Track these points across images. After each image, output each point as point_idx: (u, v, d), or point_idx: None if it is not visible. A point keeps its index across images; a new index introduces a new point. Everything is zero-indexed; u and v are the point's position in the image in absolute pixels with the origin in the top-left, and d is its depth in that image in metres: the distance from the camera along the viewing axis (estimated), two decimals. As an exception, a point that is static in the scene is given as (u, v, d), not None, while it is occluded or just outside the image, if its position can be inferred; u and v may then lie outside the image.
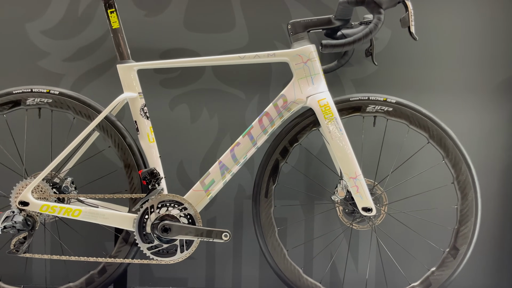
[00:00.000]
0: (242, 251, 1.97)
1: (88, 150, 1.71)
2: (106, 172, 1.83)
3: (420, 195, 1.83)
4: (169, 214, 1.57)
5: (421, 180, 1.82)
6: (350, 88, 1.93)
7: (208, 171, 1.62)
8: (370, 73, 1.93)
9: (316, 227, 1.97)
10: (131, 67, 1.61)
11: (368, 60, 1.87)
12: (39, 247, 1.92)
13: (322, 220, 1.96)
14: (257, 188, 1.64)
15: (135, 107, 1.62)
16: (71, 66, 1.91)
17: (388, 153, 1.79)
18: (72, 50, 1.90)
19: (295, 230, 1.97)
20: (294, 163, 1.93)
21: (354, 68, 1.93)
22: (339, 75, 1.93)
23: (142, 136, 1.62)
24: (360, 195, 1.56)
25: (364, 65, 1.93)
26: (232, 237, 1.94)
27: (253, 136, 1.60)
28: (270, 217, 1.65)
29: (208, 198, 1.62)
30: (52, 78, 1.91)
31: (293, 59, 1.58)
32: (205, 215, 1.96)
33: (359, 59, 1.92)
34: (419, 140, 1.68)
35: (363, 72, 1.93)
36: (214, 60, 1.62)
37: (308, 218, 1.96)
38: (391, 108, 1.61)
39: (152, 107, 1.85)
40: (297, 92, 1.59)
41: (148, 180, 1.58)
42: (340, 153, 1.55)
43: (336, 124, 1.55)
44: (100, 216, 1.58)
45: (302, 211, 1.96)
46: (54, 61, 1.90)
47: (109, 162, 1.90)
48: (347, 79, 1.94)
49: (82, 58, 1.91)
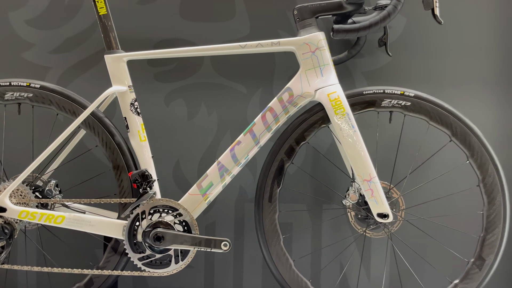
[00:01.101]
0: (244, 259, 1.82)
1: (76, 149, 1.56)
2: (95, 173, 1.67)
3: (440, 199, 1.66)
4: (163, 221, 1.42)
5: (441, 182, 1.65)
6: (361, 81, 1.77)
7: (205, 173, 1.47)
8: (383, 65, 1.77)
9: (325, 233, 1.80)
10: (120, 58, 1.46)
11: (381, 50, 1.72)
12: (24, 257, 1.76)
13: (331, 226, 1.80)
14: (260, 192, 1.48)
15: (125, 102, 1.47)
16: (57, 59, 1.76)
17: (405, 153, 1.62)
18: (59, 41, 1.76)
19: (301, 236, 1.81)
20: (300, 163, 1.77)
21: (365, 60, 1.77)
22: (349, 67, 1.77)
23: (133, 134, 1.47)
24: (375, 200, 1.40)
25: (377, 56, 1.77)
26: (232, 244, 1.80)
27: (255, 134, 1.44)
28: (274, 223, 1.49)
29: (205, 202, 1.46)
30: (37, 71, 1.76)
31: (299, 48, 1.42)
32: (203, 220, 1.81)
33: (371, 50, 1.76)
34: (440, 138, 1.51)
35: (375, 63, 1.77)
36: (212, 49, 1.46)
37: (316, 224, 1.80)
38: (409, 103, 1.45)
39: (146, 102, 1.71)
40: (305, 85, 1.43)
41: (139, 183, 1.43)
42: (353, 152, 1.39)
43: (348, 120, 1.39)
44: (86, 223, 1.42)
45: (309, 216, 1.80)
46: (39, 53, 1.76)
47: (98, 162, 1.75)
48: (358, 71, 1.77)
49: (70, 50, 1.76)
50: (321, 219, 1.79)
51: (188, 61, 1.77)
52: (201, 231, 1.78)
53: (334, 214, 1.76)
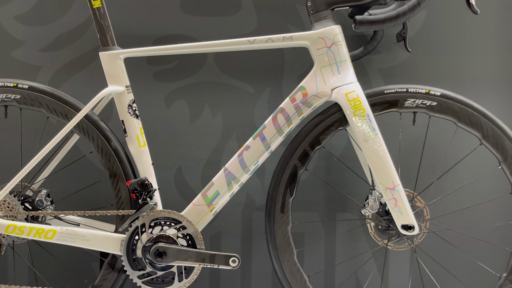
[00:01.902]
0: (252, 273, 1.68)
1: (69, 155, 1.42)
2: (90, 181, 1.54)
3: (468, 208, 1.52)
4: (164, 235, 1.29)
5: (470, 190, 1.51)
6: (377, 79, 1.64)
7: (211, 181, 1.33)
8: (400, 62, 1.64)
9: (340, 244, 1.67)
10: (117, 55, 1.33)
11: (399, 46, 1.61)
12: (13, 274, 1.63)
13: (347, 236, 1.66)
14: (271, 202, 1.35)
15: (122, 104, 1.34)
16: (49, 57, 1.64)
17: (429, 158, 1.49)
18: (51, 38, 1.63)
19: (314, 248, 1.67)
20: (311, 169, 1.64)
21: (382, 56, 1.63)
22: (364, 64, 1.64)
23: (131, 139, 1.34)
24: (399, 210, 1.27)
25: (394, 52, 1.64)
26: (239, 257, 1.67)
27: (265, 137, 1.31)
28: (287, 236, 1.35)
29: (211, 213, 1.33)
30: (28, 70, 1.64)
31: (314, 43, 1.29)
32: (208, 230, 1.65)
33: (388, 45, 1.63)
34: (469, 141, 1.38)
35: (392, 60, 1.64)
36: (217, 45, 1.33)
37: (331, 234, 1.66)
38: (435, 102, 1.32)
39: (145, 104, 1.58)
40: (320, 84, 1.30)
41: (138, 193, 1.29)
42: (375, 158, 1.26)
43: (368, 122, 1.26)
44: (80, 238, 1.29)
45: (322, 225, 1.67)
46: (30, 51, 1.64)
47: (94, 170, 1.62)
48: (374, 68, 1.64)
49: (63, 47, 1.64)
50: (336, 229, 1.65)
51: (190, 59, 1.64)
52: (205, 242, 1.66)
53: (350, 224, 1.62)
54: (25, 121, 1.49)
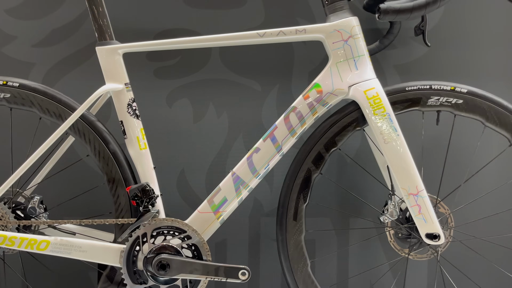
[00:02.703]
0: (260, 284, 1.58)
1: (64, 159, 1.32)
2: (87, 187, 1.43)
3: (492, 215, 1.42)
4: (168, 245, 1.18)
5: (498, 195, 1.41)
6: (393, 76, 1.54)
7: (218, 186, 1.23)
8: (417, 57, 1.54)
9: (353, 253, 1.56)
10: (115, 50, 1.23)
11: (416, 40, 1.51)
12: (7, 286, 1.53)
13: (361, 244, 1.56)
14: (283, 209, 1.25)
15: (121, 103, 1.23)
16: (43, 53, 1.53)
17: (453, 160, 1.39)
18: (44, 32, 1.53)
19: (326, 257, 1.57)
20: (323, 171, 1.53)
21: (398, 51, 1.53)
22: (379, 59, 1.53)
23: (131, 141, 1.23)
24: (423, 217, 1.17)
25: (411, 47, 1.54)
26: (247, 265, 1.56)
27: (277, 139, 1.21)
28: (300, 245, 1.25)
29: (218, 222, 1.23)
30: (20, 67, 1.53)
31: (329, 37, 1.19)
32: (213, 237, 1.55)
33: (405, 40, 1.53)
34: (497, 142, 1.28)
35: (409, 55, 1.54)
36: (223, 39, 1.23)
37: (344, 242, 1.56)
38: (461, 100, 1.21)
39: (145, 103, 1.48)
40: (336, 80, 1.19)
41: (138, 200, 1.19)
42: (397, 161, 1.16)
43: (389, 122, 1.16)
44: (75, 249, 1.18)
45: (335, 231, 1.57)
46: (22, 47, 1.53)
47: (91, 174, 1.51)
48: (389, 64, 1.54)
49: (57, 43, 1.53)
50: (349, 236, 1.55)
51: (194, 55, 1.53)
52: (210, 250, 1.56)
53: (365, 232, 1.52)
54: (16, 122, 1.39)
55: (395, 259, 1.39)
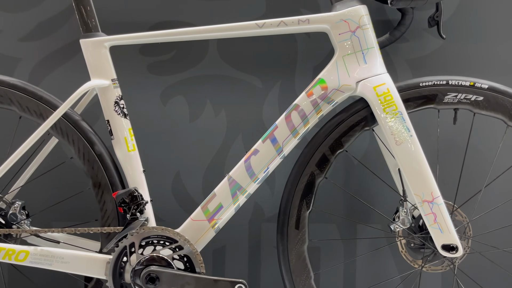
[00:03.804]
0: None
1: (48, 161, 1.22)
2: (75, 190, 1.33)
3: None
4: (157, 256, 1.08)
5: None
6: (405, 71, 1.43)
7: (213, 192, 1.13)
8: (432, 51, 1.42)
9: (361, 263, 1.45)
10: (101, 43, 1.13)
11: (430, 32, 1.39)
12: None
13: (370, 254, 1.45)
14: (284, 216, 1.14)
15: (107, 101, 1.14)
16: (29, 47, 1.44)
17: (472, 163, 1.27)
18: (30, 25, 1.44)
19: (331, 266, 1.46)
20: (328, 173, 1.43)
21: (410, 44, 1.42)
22: (389, 53, 1.42)
23: (118, 142, 1.14)
24: (439, 227, 1.06)
25: (424, 39, 1.42)
26: (246, 276, 1.46)
27: (277, 140, 1.10)
28: (303, 256, 1.15)
29: (213, 230, 1.13)
30: (5, 63, 1.44)
31: (335, 27, 1.08)
32: (210, 244, 1.45)
33: (418, 32, 1.41)
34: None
35: (422, 49, 1.42)
36: (219, 30, 1.12)
37: (351, 251, 1.45)
38: (481, 97, 1.10)
39: (138, 101, 1.40)
40: (342, 75, 1.08)
41: (126, 207, 1.09)
42: (410, 164, 1.05)
43: (401, 121, 1.05)
44: (57, 260, 1.09)
45: (341, 239, 1.46)
46: (7, 41, 1.44)
47: (79, 177, 1.41)
48: (401, 58, 1.43)
49: (44, 36, 1.44)
50: (356, 244, 1.44)
51: (190, 49, 1.43)
52: (207, 259, 1.46)
53: (374, 240, 1.41)
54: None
55: (407, 272, 1.28)
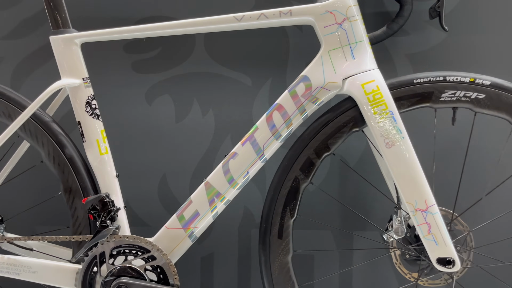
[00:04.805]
0: (250, 305, 1.40)
1: (22, 164, 1.17)
2: (50, 194, 1.27)
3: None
4: (129, 267, 1.01)
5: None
6: (405, 67, 1.32)
7: (189, 198, 1.05)
8: (434, 45, 1.31)
9: (358, 273, 1.36)
10: (71, 40, 1.06)
11: (432, 24, 1.29)
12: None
13: (368, 263, 1.35)
14: (266, 224, 1.06)
15: (78, 101, 1.07)
16: (11, 46, 1.39)
17: (473, 167, 1.16)
18: (13, 23, 1.39)
19: (325, 276, 1.37)
20: (321, 177, 1.34)
21: (410, 38, 1.31)
22: (388, 48, 1.32)
23: (90, 145, 1.07)
24: (433, 238, 0.96)
25: (426, 32, 1.31)
26: (236, 284, 1.39)
27: (257, 142, 1.02)
28: (287, 268, 1.06)
29: (190, 239, 1.05)
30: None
31: (320, 19, 0.99)
32: (198, 251, 1.40)
33: (418, 24, 1.30)
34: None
35: (423, 42, 1.32)
36: (195, 24, 1.04)
37: (347, 260, 1.36)
38: (483, 95, 0.99)
39: (122, 100, 1.36)
40: (328, 72, 0.99)
41: (96, 214, 1.02)
42: (401, 169, 0.95)
43: (392, 121, 0.95)
44: (24, 269, 1.03)
45: (337, 246, 1.36)
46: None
47: (53, 181, 1.36)
48: (400, 53, 1.32)
49: (27, 34, 1.39)
50: (353, 252, 1.35)
51: (176, 46, 1.36)
52: (195, 266, 1.38)
53: (372, 248, 1.31)
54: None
55: (407, 284, 1.18)
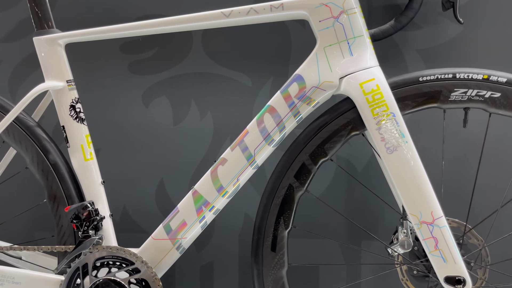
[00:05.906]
0: (250, 318, 1.33)
1: (15, 170, 1.14)
2: (37, 201, 1.23)
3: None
4: (112, 280, 0.95)
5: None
6: (417, 63, 1.22)
7: (176, 207, 0.99)
8: (449, 39, 1.20)
9: (366, 286, 1.27)
10: (55, 40, 1.02)
11: (446, 16, 1.18)
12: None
13: (378, 278, 1.26)
14: (259, 236, 0.98)
15: (62, 104, 1.02)
16: (8, 49, 1.36)
17: (488, 174, 1.05)
18: (10, 25, 1.36)
19: (331, 287, 1.28)
20: (327, 182, 1.25)
21: (422, 32, 1.21)
22: (398, 43, 1.22)
23: (74, 150, 1.02)
24: (441, 255, 0.86)
25: (439, 25, 1.21)
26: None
27: (248, 147, 0.94)
28: (281, 282, 0.98)
29: (177, 251, 0.98)
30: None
31: (315, 13, 0.90)
32: (197, 260, 1.34)
33: (431, 16, 1.20)
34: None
35: (437, 37, 1.21)
36: (179, 22, 0.98)
37: (354, 270, 1.26)
38: (498, 93, 0.88)
39: (119, 102, 1.33)
40: (323, 71, 0.91)
41: (79, 223, 0.97)
42: (404, 177, 0.86)
43: (394, 124, 0.86)
44: (8, 280, 0.99)
45: (343, 256, 1.27)
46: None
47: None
48: (412, 49, 1.22)
49: (24, 36, 1.36)
50: (361, 259, 1.25)
51: (173, 45, 1.30)
52: (194, 276, 1.32)
53: (381, 260, 1.22)
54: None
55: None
